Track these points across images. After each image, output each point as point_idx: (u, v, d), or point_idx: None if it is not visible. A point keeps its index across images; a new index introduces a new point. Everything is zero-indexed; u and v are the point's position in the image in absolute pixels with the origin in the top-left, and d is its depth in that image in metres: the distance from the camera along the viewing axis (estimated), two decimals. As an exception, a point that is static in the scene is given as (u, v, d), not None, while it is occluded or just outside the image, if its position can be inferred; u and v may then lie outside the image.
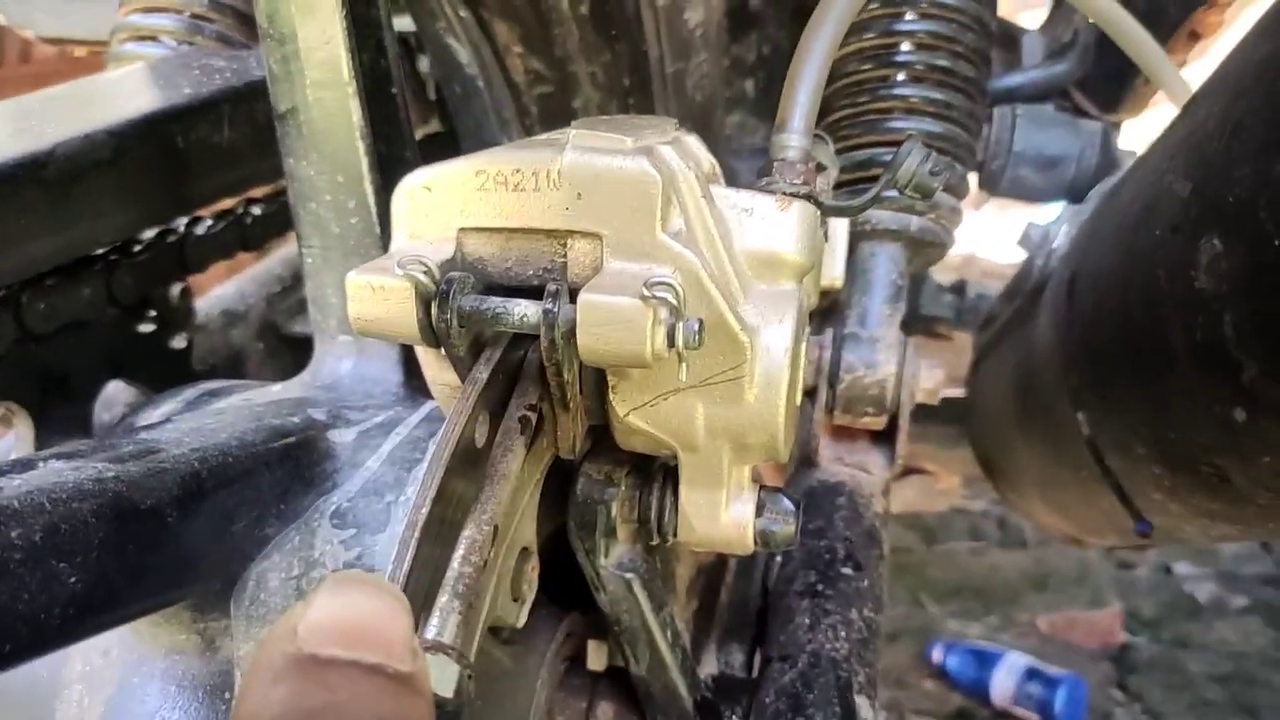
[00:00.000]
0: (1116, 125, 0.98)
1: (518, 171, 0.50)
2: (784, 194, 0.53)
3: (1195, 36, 0.92)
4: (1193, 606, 2.55)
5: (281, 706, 0.27)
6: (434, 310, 0.49)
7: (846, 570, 0.70)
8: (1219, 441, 0.58)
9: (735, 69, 1.32)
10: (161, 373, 0.82)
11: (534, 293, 0.50)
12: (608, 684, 0.67)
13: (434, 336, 0.50)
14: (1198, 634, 2.45)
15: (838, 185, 0.68)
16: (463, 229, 0.52)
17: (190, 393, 0.69)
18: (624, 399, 0.54)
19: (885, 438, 0.82)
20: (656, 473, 0.60)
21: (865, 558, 0.72)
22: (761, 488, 0.58)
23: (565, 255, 0.51)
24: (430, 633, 0.41)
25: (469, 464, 0.50)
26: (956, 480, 2.69)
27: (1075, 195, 0.93)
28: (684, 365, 0.48)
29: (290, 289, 1.15)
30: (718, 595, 0.74)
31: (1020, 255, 1.07)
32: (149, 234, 0.82)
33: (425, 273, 0.49)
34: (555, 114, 0.98)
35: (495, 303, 0.49)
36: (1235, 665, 2.34)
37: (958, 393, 1.37)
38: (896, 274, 0.83)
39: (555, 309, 0.48)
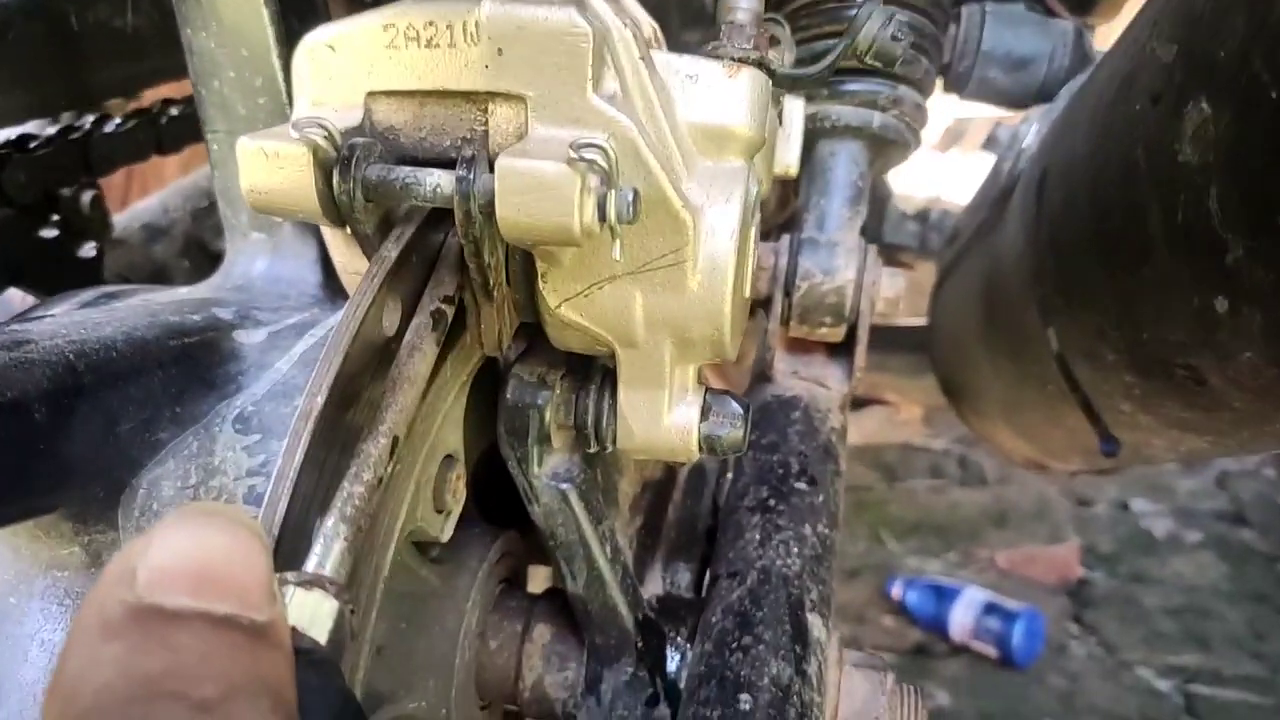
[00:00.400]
0: (1090, 27, 0.93)
1: (430, 24, 0.44)
2: (732, 60, 0.48)
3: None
4: (1149, 542, 2.57)
5: (113, 670, 0.23)
6: (335, 180, 0.43)
7: (800, 485, 0.66)
8: (1196, 337, 0.54)
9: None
10: (69, 283, 0.76)
11: (451, 165, 0.44)
12: (545, 605, 0.63)
13: (336, 211, 0.45)
14: (1153, 569, 2.47)
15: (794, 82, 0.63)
16: (371, 93, 0.46)
17: (88, 294, 0.63)
18: (555, 288, 0.48)
19: (843, 350, 0.78)
20: (594, 374, 0.55)
21: (820, 473, 0.68)
22: (707, 390, 0.54)
23: (486, 122, 0.46)
24: (311, 564, 0.36)
25: (378, 358, 0.45)
26: (918, 411, 2.68)
27: (1045, 98, 0.89)
28: (618, 243, 0.43)
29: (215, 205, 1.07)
30: (664, 513, 0.70)
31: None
32: (50, 130, 0.75)
33: (325, 137, 0.43)
34: None
35: (405, 172, 0.44)
36: (1189, 599, 2.37)
37: (919, 321, 1.33)
38: (857, 174, 0.78)
39: (471, 177, 0.42)
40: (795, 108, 0.59)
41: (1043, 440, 0.95)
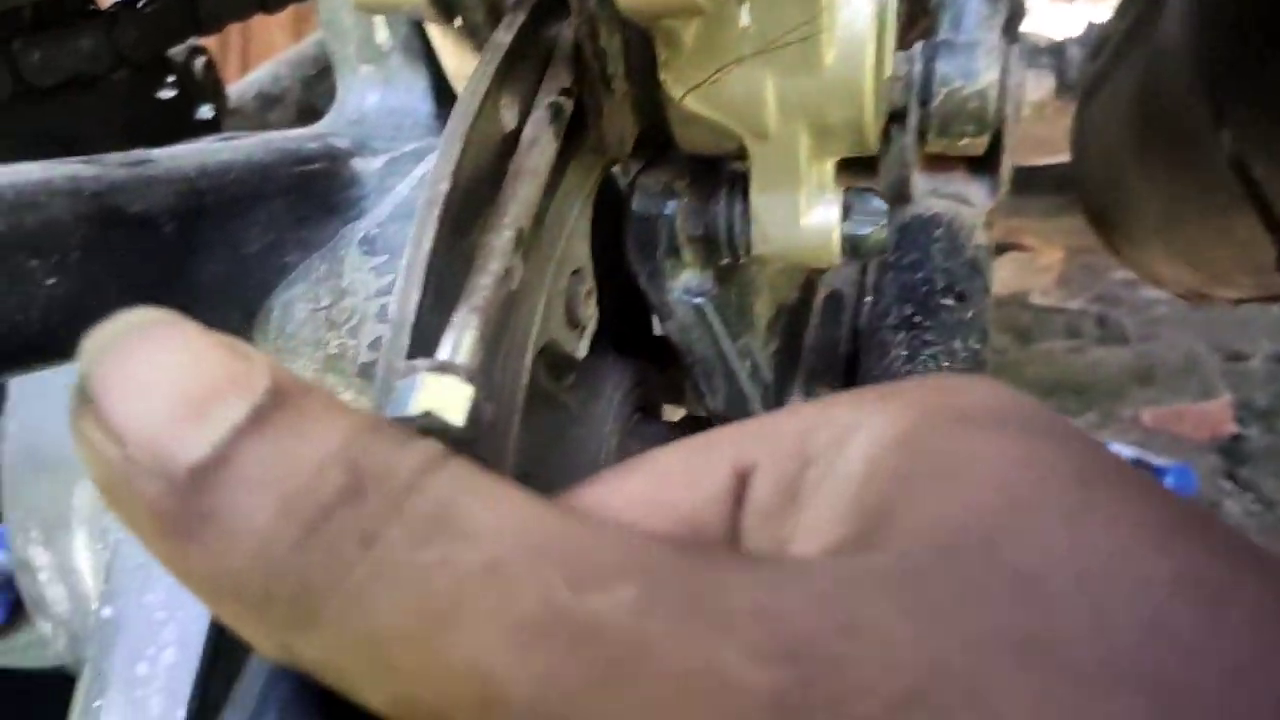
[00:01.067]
0: None
1: None
2: None
3: None
4: (1309, 396, 2.42)
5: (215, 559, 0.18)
6: (442, -39, 0.41)
7: (948, 301, 0.62)
8: None
9: None
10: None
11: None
12: (684, 431, 0.61)
13: (445, 1, 0.42)
14: (1314, 422, 2.33)
15: None
16: None
17: (208, 138, 0.62)
18: (677, 77, 0.45)
19: (986, 164, 0.73)
20: (723, 180, 0.52)
21: (969, 289, 0.64)
22: (846, 188, 0.50)
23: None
24: (443, 352, 0.34)
25: (499, 156, 0.43)
26: (1059, 255, 2.54)
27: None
28: (745, 6, 0.40)
29: (328, 71, 1.06)
30: (801, 339, 0.67)
31: None
32: (154, -12, 0.75)
33: (430, -88, 0.40)
34: None
35: (514, -52, 0.41)
36: (1356, 451, 2.22)
37: (1057, 159, 1.24)
38: (1001, -38, 0.71)
39: (586, -60, 0.39)
40: None
41: (1208, 261, 0.88)
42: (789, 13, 0.42)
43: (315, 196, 0.51)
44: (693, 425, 0.61)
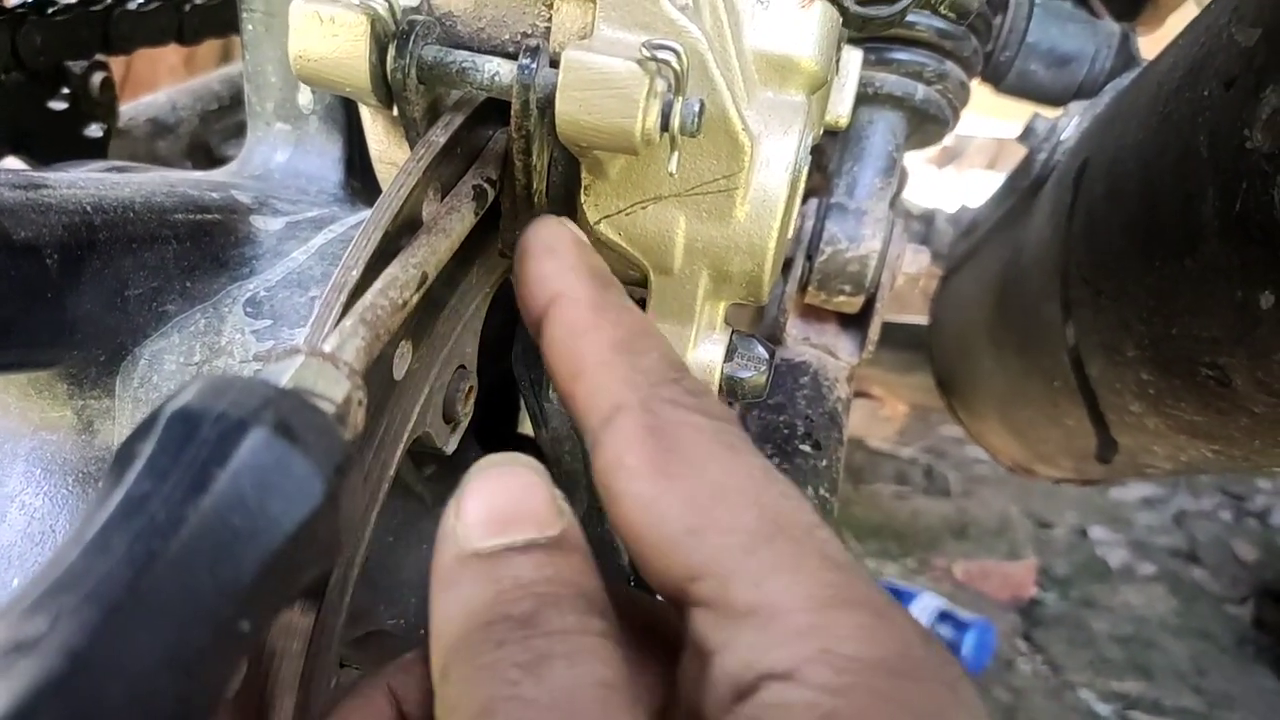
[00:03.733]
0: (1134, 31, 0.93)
1: (506, -94, 0.42)
2: (805, -9, 0.46)
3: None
4: (1103, 569, 2.60)
5: (457, 610, 0.28)
6: (390, 55, 0.41)
7: (805, 448, 0.65)
8: (1231, 334, 0.53)
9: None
10: (70, 159, 0.73)
11: (508, 59, 0.43)
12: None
13: (386, 91, 0.43)
14: (1105, 596, 2.50)
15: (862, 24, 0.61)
16: (434, -28, 0.44)
17: (98, 165, 0.60)
18: (597, 203, 0.47)
19: (857, 322, 0.77)
20: (620, 303, 0.53)
21: (825, 439, 0.67)
22: (734, 331, 0.53)
23: (550, 18, 0.44)
24: (327, 346, 0.33)
25: (405, 242, 0.43)
26: (902, 408, 2.68)
27: (1083, 99, 0.88)
28: (675, 156, 0.42)
29: (229, 109, 1.04)
30: (664, 462, 0.69)
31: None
32: (68, -1, 0.72)
33: (386, 9, 0.41)
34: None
35: (462, 56, 0.42)
36: (1136, 628, 2.39)
37: (913, 319, 1.33)
38: (893, 145, 0.77)
39: (534, 66, 0.40)
40: (853, 58, 0.57)
41: (1037, 441, 0.95)
42: (712, 165, 0.45)
43: (208, 248, 0.50)
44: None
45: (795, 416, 0.68)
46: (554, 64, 0.41)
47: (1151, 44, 1.02)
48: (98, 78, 0.78)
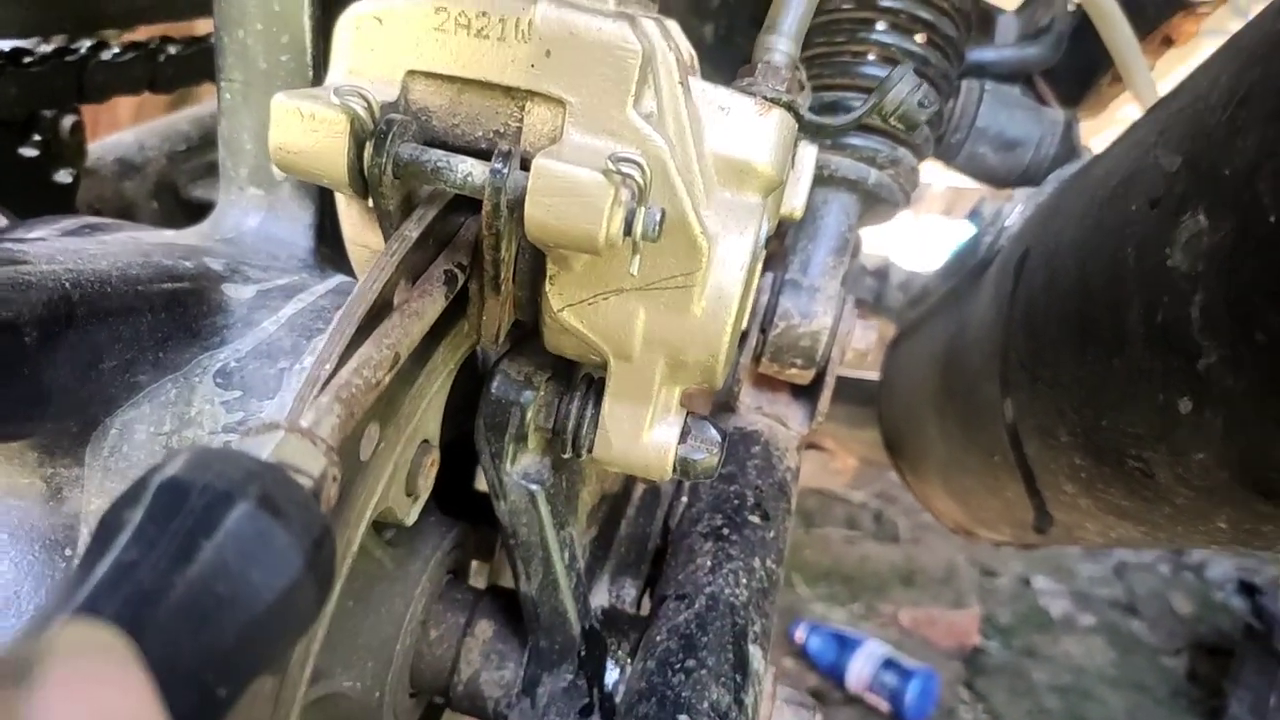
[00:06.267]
0: (1077, 120, 0.97)
1: (484, 15, 0.45)
2: (765, 99, 0.49)
3: (1168, 42, 0.91)
4: (1044, 619, 2.65)
5: None
6: (368, 152, 0.43)
7: (754, 519, 0.67)
8: (1154, 432, 0.56)
9: (696, 12, 1.26)
10: (39, 205, 0.74)
11: (480, 156, 0.45)
12: (490, 602, 0.63)
13: (363, 184, 0.45)
14: (1046, 646, 2.54)
15: (817, 129, 0.64)
16: (411, 72, 0.46)
17: (70, 222, 0.61)
18: (561, 292, 0.49)
19: (808, 393, 0.80)
20: (580, 383, 0.55)
21: (774, 509, 0.69)
22: (688, 414, 0.55)
23: (521, 120, 0.46)
24: (304, 422, 0.35)
25: (379, 318, 0.45)
26: (852, 461, 2.72)
27: (1028, 181, 0.92)
28: (637, 259, 0.44)
29: (196, 150, 1.05)
30: (617, 527, 0.70)
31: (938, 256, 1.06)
32: (45, 48, 0.73)
33: (365, 108, 0.43)
34: None
35: (437, 155, 0.44)
36: (1075, 679, 2.44)
37: (865, 374, 1.36)
38: (846, 225, 0.80)
39: (505, 170, 0.43)
40: (808, 154, 0.60)
41: (977, 508, 0.98)
42: (671, 263, 0.47)
43: (181, 318, 0.51)
44: (499, 596, 0.63)
45: (745, 486, 0.70)
46: (524, 166, 0.43)
47: (1093, 128, 1.07)
48: (68, 122, 0.79)
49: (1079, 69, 0.98)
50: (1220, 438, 0.51)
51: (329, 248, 0.64)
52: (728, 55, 1.22)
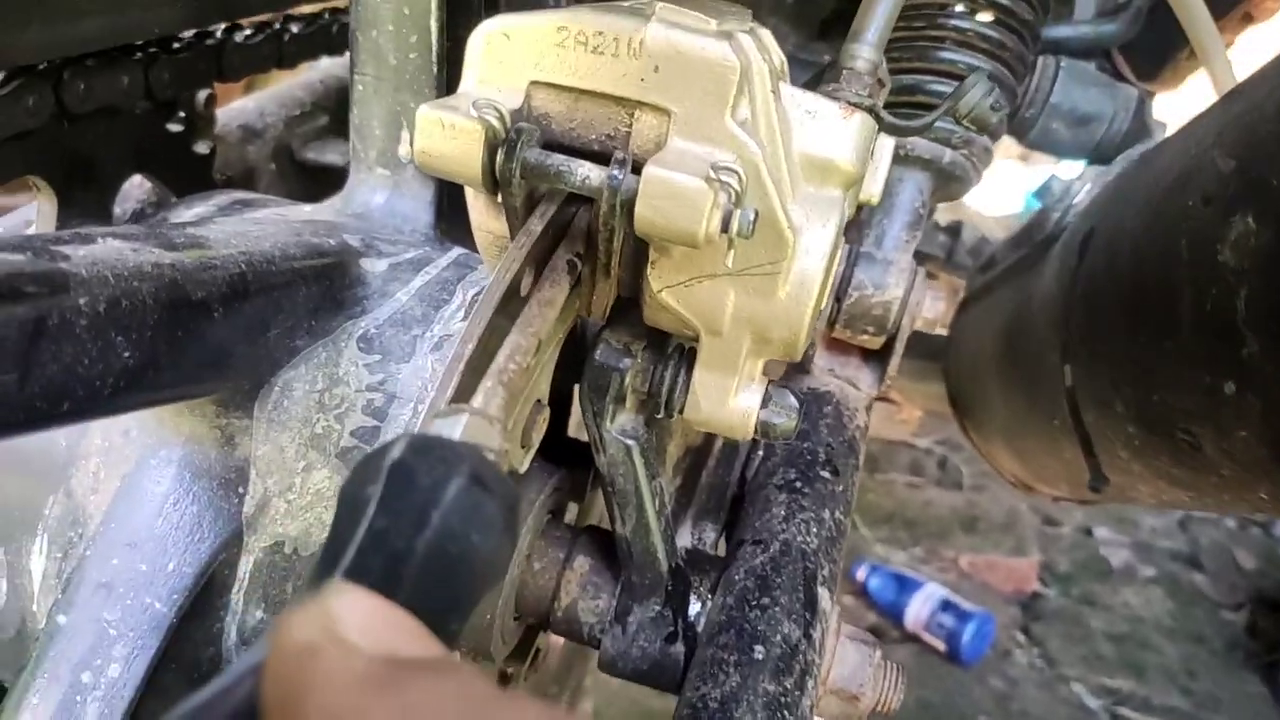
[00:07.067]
0: (1150, 95, 0.99)
1: (600, 34, 0.51)
2: (848, 103, 0.54)
3: (1248, 19, 0.93)
4: (1104, 568, 2.68)
5: None
6: (499, 157, 0.50)
7: (825, 474, 0.74)
8: (1201, 409, 0.61)
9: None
10: (183, 175, 0.82)
11: (592, 156, 0.51)
12: (586, 540, 0.70)
13: (494, 182, 0.51)
14: (1104, 595, 2.58)
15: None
16: (534, 82, 0.52)
17: (221, 198, 0.69)
18: (661, 275, 0.55)
19: (878, 357, 0.85)
20: (672, 351, 0.62)
21: (843, 465, 0.76)
22: (770, 381, 0.61)
23: (630, 126, 0.52)
24: (477, 402, 0.42)
25: (512, 309, 0.52)
26: (917, 413, 2.76)
27: (1099, 157, 0.95)
28: (732, 252, 0.50)
29: (309, 115, 1.13)
30: (699, 477, 0.78)
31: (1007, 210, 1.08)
32: (188, 34, 0.81)
33: (498, 118, 0.50)
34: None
35: (559, 160, 0.50)
36: (1132, 628, 2.48)
37: (935, 331, 1.40)
38: (920, 202, 0.85)
39: (620, 176, 0.49)
40: (886, 146, 0.65)
41: (1037, 466, 1.03)
42: (760, 253, 0.53)
43: (329, 290, 0.59)
44: (594, 535, 0.71)
45: (818, 444, 0.76)
46: (635, 169, 0.49)
47: (1167, 104, 1.08)
48: (203, 95, 0.87)
49: (1157, 44, 1.00)
50: (1260, 418, 0.56)
51: (446, 223, 0.71)
52: (803, 15, 1.24)
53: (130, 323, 0.43)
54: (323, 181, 1.12)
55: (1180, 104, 1.10)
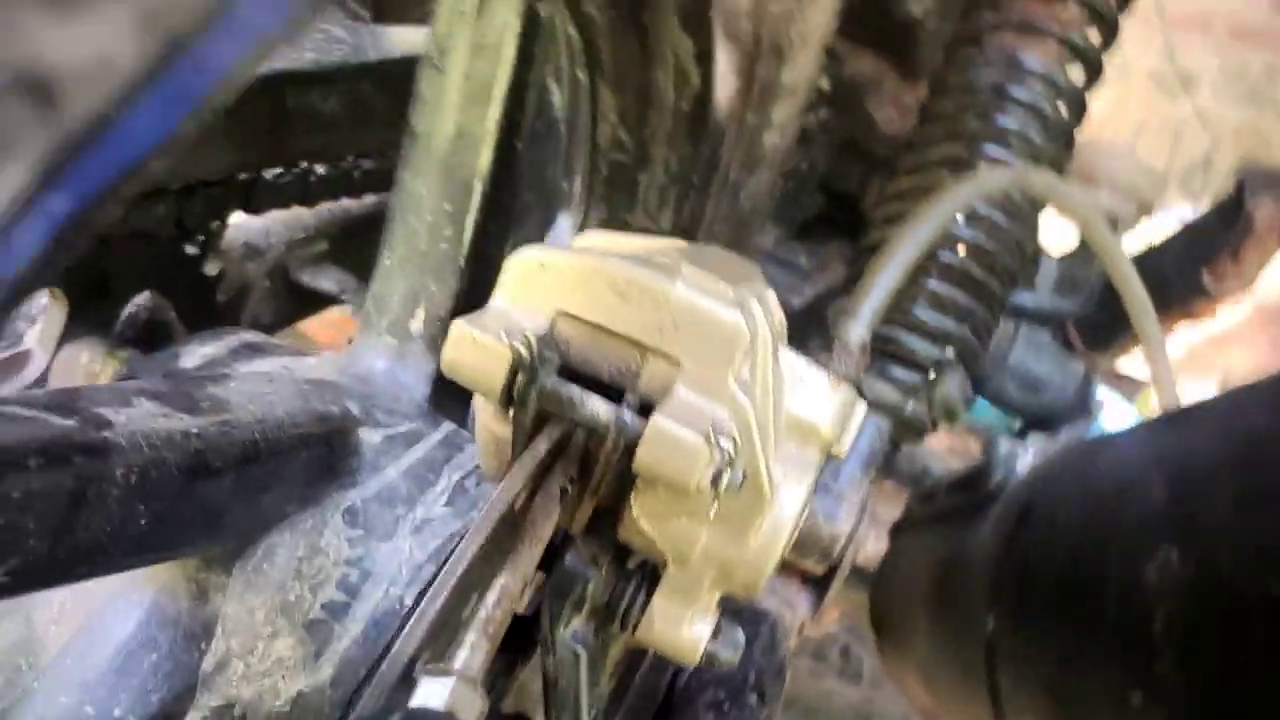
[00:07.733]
0: (1095, 370, 1.08)
1: (630, 283, 0.56)
2: (836, 375, 0.60)
3: (1189, 315, 1.02)
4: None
5: None
6: (519, 379, 0.54)
7: (752, 699, 0.76)
8: (1110, 712, 0.66)
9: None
10: (191, 294, 0.85)
11: (602, 386, 0.55)
12: (516, 730, 0.72)
13: (509, 399, 0.55)
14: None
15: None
16: (562, 312, 0.57)
17: (231, 340, 0.72)
18: (643, 505, 0.59)
19: (816, 585, 0.89)
20: (635, 569, 0.65)
21: (770, 690, 0.78)
22: (722, 614, 0.64)
23: (641, 366, 0.57)
24: (458, 664, 0.45)
25: (504, 523, 0.55)
26: (835, 614, 2.79)
27: (1040, 421, 1.03)
28: (716, 504, 0.54)
29: (311, 240, 1.17)
30: (632, 678, 0.79)
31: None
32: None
33: (524, 344, 0.54)
34: (621, 182, 1.04)
35: (574, 391, 0.54)
36: None
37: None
38: (879, 444, 0.90)
39: (628, 421, 0.53)
40: (860, 410, 0.71)
41: (946, 705, 1.07)
42: (738, 504, 0.57)
43: (327, 458, 0.61)
44: (522, 723, 0.72)
45: (750, 665, 0.79)
46: (642, 410, 0.53)
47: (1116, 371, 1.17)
48: (216, 224, 0.91)
49: (1108, 322, 1.10)
50: (1163, 728, 0.60)
51: (440, 394, 0.75)
52: (785, 213, 1.33)
53: (154, 492, 0.46)
54: (309, 303, 1.15)
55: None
